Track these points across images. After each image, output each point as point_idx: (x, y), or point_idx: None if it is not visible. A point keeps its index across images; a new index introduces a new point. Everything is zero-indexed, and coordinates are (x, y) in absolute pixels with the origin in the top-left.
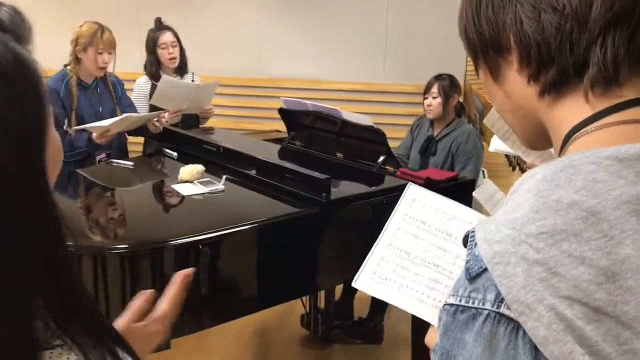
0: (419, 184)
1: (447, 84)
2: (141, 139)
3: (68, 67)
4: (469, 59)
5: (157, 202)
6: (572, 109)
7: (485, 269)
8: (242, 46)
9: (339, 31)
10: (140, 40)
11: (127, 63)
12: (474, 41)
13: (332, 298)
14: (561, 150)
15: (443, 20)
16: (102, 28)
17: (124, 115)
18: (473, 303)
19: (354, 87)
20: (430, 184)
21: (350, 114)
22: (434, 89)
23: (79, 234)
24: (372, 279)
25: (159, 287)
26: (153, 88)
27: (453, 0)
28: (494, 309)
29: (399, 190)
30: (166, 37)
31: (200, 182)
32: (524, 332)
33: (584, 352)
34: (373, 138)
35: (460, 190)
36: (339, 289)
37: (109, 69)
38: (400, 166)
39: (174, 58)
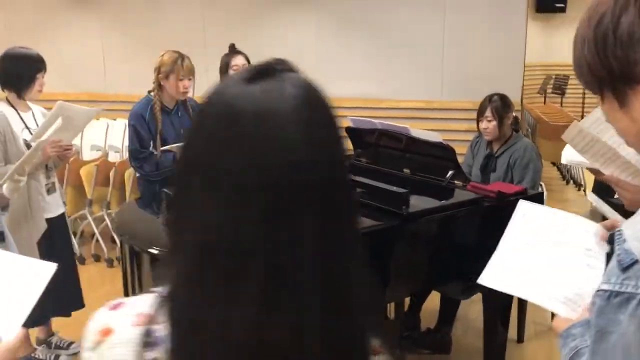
0: (491, 197)
1: (499, 105)
2: None
3: (152, 93)
4: (525, 75)
5: None
6: None
7: (637, 261)
8: (302, 67)
9: (396, 50)
10: (206, 68)
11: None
12: (601, 76)
13: (402, 309)
14: None
15: (500, 37)
16: (182, 56)
17: None
18: (626, 289)
19: (412, 105)
20: (501, 198)
21: (419, 131)
22: (488, 113)
23: None
24: (496, 278)
25: None
26: None
27: (508, 18)
28: None
29: (472, 204)
30: (238, 60)
31: None
32: None
33: None
34: (441, 154)
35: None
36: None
37: (189, 94)
38: (469, 180)
39: None
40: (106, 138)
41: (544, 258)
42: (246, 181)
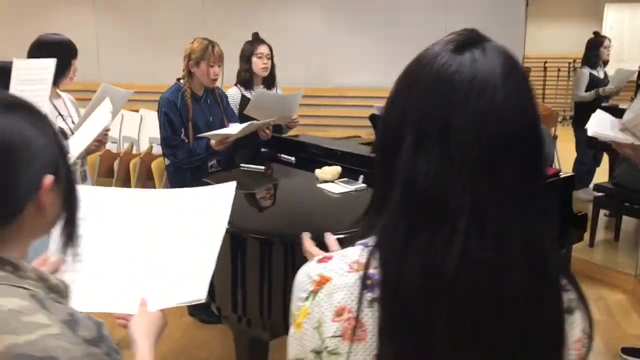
0: None
1: None
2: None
3: (181, 81)
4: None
5: (320, 199)
6: None
7: None
8: (308, 58)
9: (400, 40)
10: None
11: None
12: None
13: None
14: None
15: (500, 30)
16: (212, 43)
17: (249, 123)
18: None
19: None
20: None
21: None
22: None
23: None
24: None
25: None
26: (242, 98)
27: (507, 11)
28: None
29: None
30: (264, 49)
31: (341, 182)
32: None
33: None
34: None
35: (562, 185)
36: None
37: (218, 82)
38: None
39: (267, 68)
40: None
41: None
42: (459, 140)
